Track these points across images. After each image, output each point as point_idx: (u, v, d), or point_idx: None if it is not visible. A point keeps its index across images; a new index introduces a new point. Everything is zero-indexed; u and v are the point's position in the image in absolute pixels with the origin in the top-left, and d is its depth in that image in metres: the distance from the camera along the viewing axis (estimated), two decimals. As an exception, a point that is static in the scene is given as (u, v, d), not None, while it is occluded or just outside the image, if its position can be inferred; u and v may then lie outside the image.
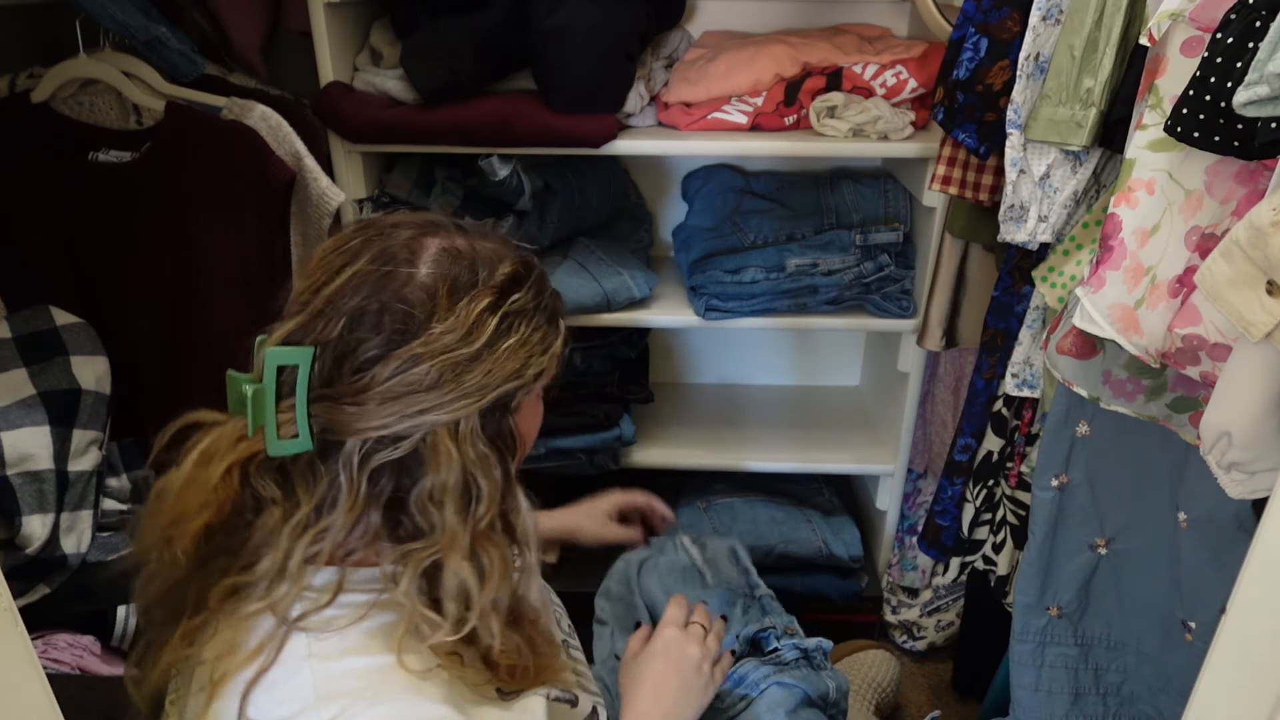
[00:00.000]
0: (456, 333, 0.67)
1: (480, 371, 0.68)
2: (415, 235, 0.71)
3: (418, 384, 0.66)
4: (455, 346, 0.67)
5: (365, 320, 0.67)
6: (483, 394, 0.68)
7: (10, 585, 0.48)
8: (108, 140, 1.28)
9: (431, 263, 0.69)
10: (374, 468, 0.67)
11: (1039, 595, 1.13)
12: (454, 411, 0.67)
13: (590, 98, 1.34)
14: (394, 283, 0.68)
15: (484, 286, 0.69)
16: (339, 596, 0.68)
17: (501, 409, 0.71)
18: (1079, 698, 1.16)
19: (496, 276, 0.70)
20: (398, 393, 0.65)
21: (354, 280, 0.68)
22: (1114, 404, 0.95)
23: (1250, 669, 0.62)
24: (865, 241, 1.48)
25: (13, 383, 1.19)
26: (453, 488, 0.68)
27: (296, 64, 1.47)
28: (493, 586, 0.69)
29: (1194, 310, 0.76)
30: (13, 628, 0.47)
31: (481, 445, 0.69)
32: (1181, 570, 0.99)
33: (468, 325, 0.67)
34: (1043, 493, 1.08)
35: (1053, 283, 1.02)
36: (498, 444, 0.71)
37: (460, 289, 0.69)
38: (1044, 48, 1.01)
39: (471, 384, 0.67)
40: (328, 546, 0.68)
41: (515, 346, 0.70)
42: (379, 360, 0.66)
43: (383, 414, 0.65)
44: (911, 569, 1.65)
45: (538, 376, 0.73)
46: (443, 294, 0.68)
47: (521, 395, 0.73)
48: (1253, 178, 0.77)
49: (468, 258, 0.71)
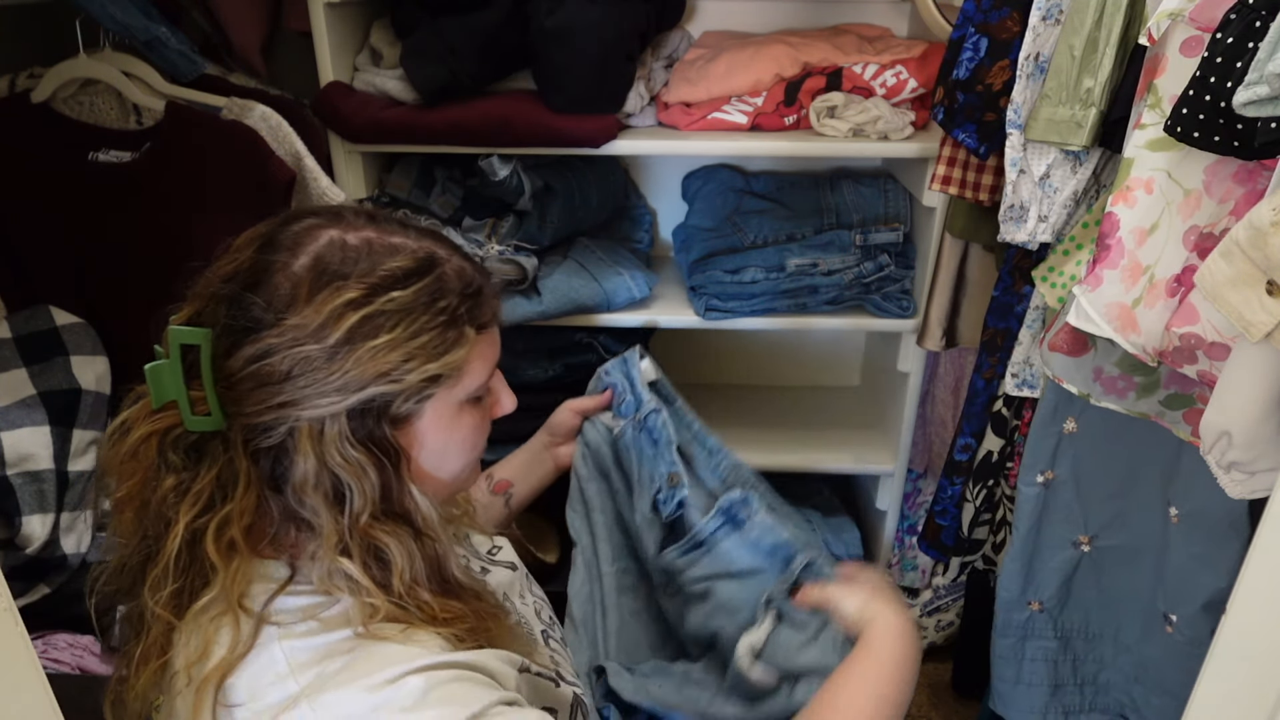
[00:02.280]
0: (309, 326, 0.65)
1: (339, 370, 0.65)
2: (315, 226, 0.70)
3: (270, 375, 0.65)
4: (304, 340, 0.65)
5: (238, 306, 0.67)
6: (344, 394, 0.66)
7: (10, 585, 0.48)
8: (108, 140, 1.28)
9: (310, 254, 0.68)
10: (252, 452, 0.68)
11: (1021, 590, 1.14)
12: (315, 408, 0.66)
13: (590, 98, 1.34)
14: (266, 271, 0.68)
15: (353, 281, 0.67)
16: (293, 585, 0.69)
17: (377, 414, 0.68)
18: (1058, 689, 1.17)
19: (376, 273, 0.67)
20: (256, 382, 0.66)
21: (237, 265, 0.69)
22: (1104, 401, 0.95)
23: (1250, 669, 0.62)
24: (865, 241, 1.48)
25: (13, 383, 1.20)
26: (314, 487, 0.67)
27: (296, 64, 1.47)
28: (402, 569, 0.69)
29: (1192, 309, 0.76)
30: (13, 628, 0.47)
31: (350, 449, 0.67)
32: (1167, 564, 1.00)
33: (321, 319, 0.65)
34: (1027, 488, 1.09)
35: (1053, 283, 1.02)
36: (373, 450, 0.68)
37: (326, 282, 0.67)
38: (1044, 48, 1.01)
39: (330, 382, 0.65)
40: (237, 531, 0.68)
41: (384, 348, 0.66)
42: (239, 346, 0.66)
43: (248, 401, 0.66)
44: (911, 569, 1.65)
45: (429, 384, 0.69)
46: (306, 286, 0.66)
47: (406, 403, 0.69)
48: (1251, 177, 0.77)
49: (353, 251, 0.68)
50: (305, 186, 1.30)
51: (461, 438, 0.76)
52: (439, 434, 0.73)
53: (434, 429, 0.73)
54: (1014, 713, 1.19)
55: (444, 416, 0.73)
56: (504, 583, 0.92)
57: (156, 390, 0.67)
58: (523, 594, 0.94)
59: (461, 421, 0.75)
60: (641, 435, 1.05)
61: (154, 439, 0.69)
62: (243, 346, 0.66)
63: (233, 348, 0.67)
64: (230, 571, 0.68)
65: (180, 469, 0.69)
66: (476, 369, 0.74)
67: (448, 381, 0.71)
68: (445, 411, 0.73)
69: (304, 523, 0.69)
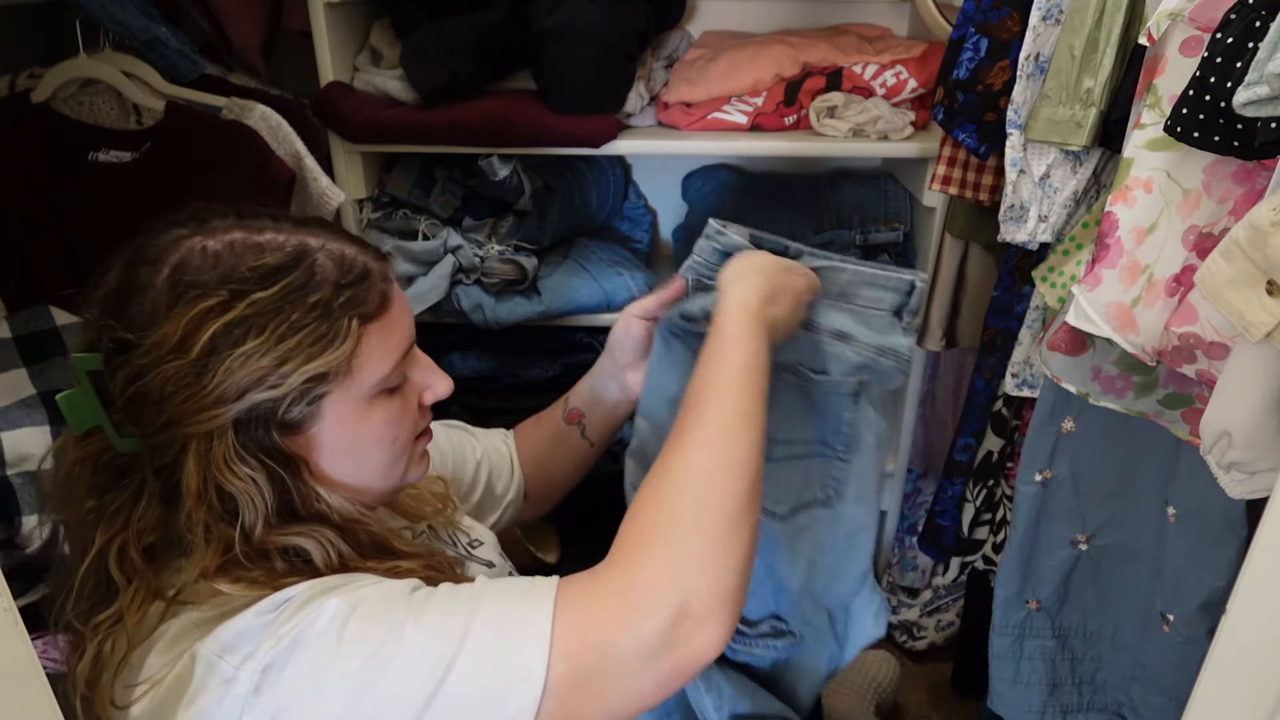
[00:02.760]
0: (170, 341, 0.62)
1: (210, 384, 0.63)
2: (179, 236, 0.68)
3: (147, 396, 0.64)
4: (168, 357, 0.62)
5: (108, 329, 0.65)
6: (221, 406, 0.63)
7: (10, 585, 0.48)
8: (108, 140, 1.28)
9: (171, 266, 0.65)
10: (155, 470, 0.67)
11: (1019, 589, 1.14)
12: (198, 424, 0.63)
13: (590, 98, 1.34)
14: (130, 290, 0.66)
15: (212, 289, 0.63)
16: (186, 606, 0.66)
17: (264, 423, 0.66)
18: (1056, 688, 1.17)
19: (235, 275, 0.64)
20: (138, 404, 0.64)
21: (107, 288, 0.67)
22: (1103, 400, 0.96)
23: (1250, 669, 0.62)
24: (865, 241, 1.48)
25: (13, 383, 1.19)
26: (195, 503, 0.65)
27: (296, 64, 1.47)
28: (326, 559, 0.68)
29: (1191, 309, 0.76)
30: (13, 628, 0.47)
31: (240, 463, 0.65)
32: (1165, 563, 1.00)
33: (181, 333, 0.62)
34: (1025, 487, 1.09)
35: (1053, 283, 1.02)
36: (264, 461, 0.66)
37: (181, 293, 0.64)
38: (1044, 48, 1.01)
39: (205, 397, 0.63)
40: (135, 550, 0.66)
41: (253, 353, 0.63)
42: (117, 370, 0.65)
43: (139, 423, 0.65)
44: (911, 569, 1.65)
45: (315, 382, 0.66)
46: (164, 300, 0.64)
47: (295, 407, 0.66)
48: (1250, 177, 0.77)
49: (213, 257, 0.65)
50: (305, 186, 1.30)
51: (377, 433, 0.72)
52: (346, 434, 0.70)
53: (338, 430, 0.70)
54: (1012, 711, 1.19)
55: (348, 416, 0.70)
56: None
57: (74, 419, 0.66)
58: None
59: (371, 416, 0.71)
60: None
61: (87, 464, 0.68)
62: (119, 370, 0.65)
63: (114, 371, 0.65)
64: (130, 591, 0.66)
65: (101, 492, 0.68)
66: (374, 361, 0.69)
67: (339, 379, 0.67)
68: (349, 410, 0.69)
69: None
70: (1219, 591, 0.94)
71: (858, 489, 0.95)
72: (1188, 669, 0.98)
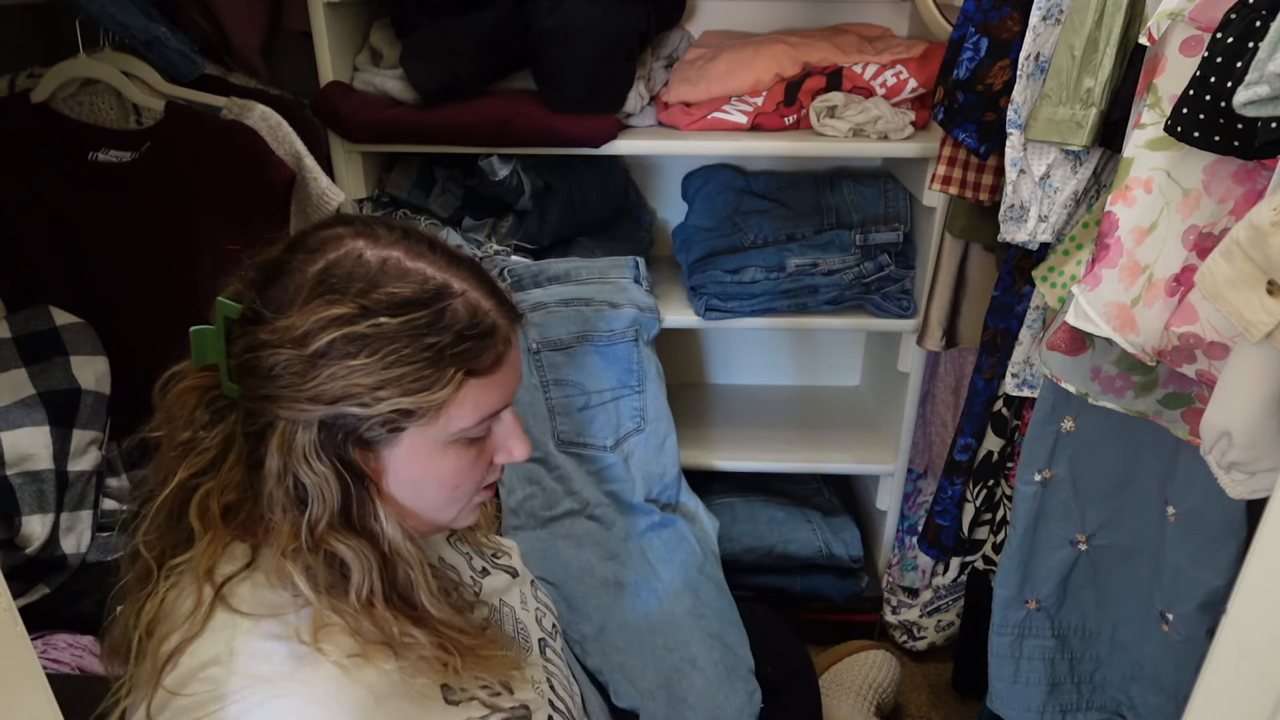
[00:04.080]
0: (294, 331, 0.66)
1: (312, 381, 0.66)
2: (344, 234, 0.71)
3: (256, 368, 0.67)
4: (286, 344, 0.66)
5: (251, 295, 0.69)
6: (315, 405, 0.66)
7: (10, 585, 0.48)
8: (108, 140, 1.28)
9: (324, 261, 0.69)
10: (245, 433, 0.70)
11: (1018, 588, 1.14)
12: (289, 410, 0.67)
13: (590, 98, 1.34)
14: (282, 270, 0.69)
15: (349, 298, 0.67)
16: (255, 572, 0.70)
17: (345, 434, 0.69)
18: (1055, 687, 1.17)
19: (372, 295, 0.67)
20: (246, 370, 0.68)
21: (266, 257, 0.71)
22: (1102, 400, 0.96)
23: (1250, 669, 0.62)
24: (865, 241, 1.48)
25: (13, 383, 1.19)
26: (278, 483, 0.68)
27: (296, 64, 1.47)
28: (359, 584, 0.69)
29: (1191, 309, 0.76)
30: (13, 628, 0.47)
31: (316, 460, 0.68)
32: (1164, 563, 1.00)
33: (306, 328, 0.66)
34: (1025, 487, 1.09)
35: (1053, 283, 1.02)
36: (338, 466, 0.69)
37: (322, 292, 0.67)
38: (1044, 48, 1.01)
39: (304, 390, 0.66)
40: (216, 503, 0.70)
41: (358, 370, 0.66)
42: (242, 334, 0.69)
43: (244, 385, 0.69)
44: (911, 569, 1.65)
45: (400, 416, 0.68)
46: (305, 292, 0.67)
47: (376, 430, 0.69)
48: (1250, 177, 0.77)
49: (364, 267, 0.68)
50: (305, 186, 1.30)
51: (441, 476, 0.74)
52: (414, 468, 0.72)
53: (408, 461, 0.72)
54: (1012, 711, 1.19)
55: (421, 451, 0.72)
56: (499, 587, 0.92)
57: (198, 352, 0.71)
58: (524, 600, 0.94)
59: (444, 460, 0.73)
60: None
61: (196, 392, 0.73)
62: (243, 335, 0.68)
63: (239, 333, 0.69)
64: (204, 541, 0.69)
65: (199, 427, 0.72)
66: (463, 413, 0.71)
67: (423, 418, 0.69)
68: (423, 447, 0.71)
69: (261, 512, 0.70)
70: (1218, 591, 0.94)
71: (656, 410, 1.33)
72: (1186, 668, 0.99)
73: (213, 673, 0.64)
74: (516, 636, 0.88)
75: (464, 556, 0.92)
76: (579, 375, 1.25)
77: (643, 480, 1.31)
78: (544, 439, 1.24)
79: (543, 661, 0.87)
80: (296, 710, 0.64)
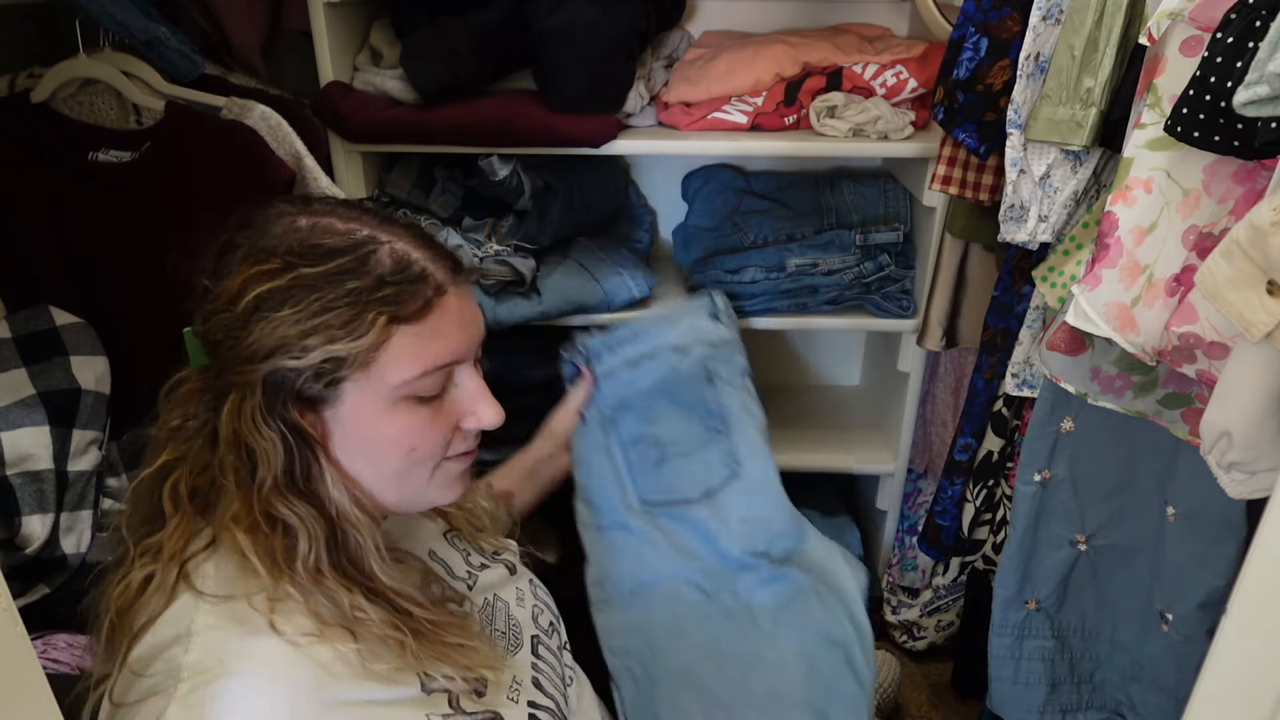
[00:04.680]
0: (229, 294, 0.69)
1: (247, 339, 0.68)
2: (285, 211, 0.73)
3: (210, 340, 0.71)
4: (223, 308, 0.69)
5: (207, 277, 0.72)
6: (251, 363, 0.68)
7: (10, 585, 0.48)
8: (107, 140, 1.28)
9: (258, 230, 0.71)
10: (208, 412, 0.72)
11: (1018, 589, 1.14)
12: (235, 375, 0.69)
13: (590, 98, 1.34)
14: (230, 249, 0.72)
15: (275, 256, 0.69)
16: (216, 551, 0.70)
17: (285, 392, 0.69)
18: (1055, 688, 1.18)
19: (296, 250, 0.69)
20: (206, 347, 0.71)
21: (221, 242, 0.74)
22: (1101, 400, 0.96)
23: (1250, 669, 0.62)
24: (865, 241, 1.48)
25: (13, 383, 1.19)
26: (228, 451, 0.69)
27: (296, 64, 1.47)
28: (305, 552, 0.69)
29: (1191, 309, 0.76)
30: (12, 628, 0.47)
31: (263, 424, 0.68)
32: (1164, 563, 1.00)
33: (238, 288, 0.68)
34: (1025, 487, 1.09)
35: (1053, 283, 1.02)
36: (283, 429, 0.69)
37: (255, 256, 0.69)
38: (1044, 48, 1.01)
39: (242, 350, 0.68)
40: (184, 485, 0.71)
41: (285, 320, 0.67)
42: (195, 311, 0.72)
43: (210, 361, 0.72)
44: (911, 569, 1.65)
45: (332, 365, 0.68)
46: (239, 258, 0.70)
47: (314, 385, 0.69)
48: (1250, 177, 0.77)
49: (295, 231, 0.71)
50: (305, 186, 1.30)
51: (393, 436, 0.72)
52: (360, 426, 0.71)
53: (355, 420, 0.71)
54: (1012, 712, 1.19)
55: (366, 408, 0.71)
56: (493, 582, 0.91)
57: (193, 353, 0.73)
58: (521, 597, 0.93)
59: (393, 419, 0.72)
60: None
61: (196, 394, 0.74)
62: (197, 315, 0.72)
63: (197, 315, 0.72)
64: (172, 523, 0.70)
65: (188, 417, 0.73)
66: (399, 363, 0.70)
67: (357, 369, 0.69)
68: (367, 404, 0.71)
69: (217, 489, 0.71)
70: (1218, 591, 0.94)
71: (749, 449, 1.12)
72: (1186, 668, 0.99)
73: (172, 653, 0.64)
74: (508, 631, 0.87)
75: (460, 553, 0.91)
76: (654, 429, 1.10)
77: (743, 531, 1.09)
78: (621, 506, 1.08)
79: (532, 659, 0.86)
80: (248, 688, 0.63)
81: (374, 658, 0.69)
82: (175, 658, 0.64)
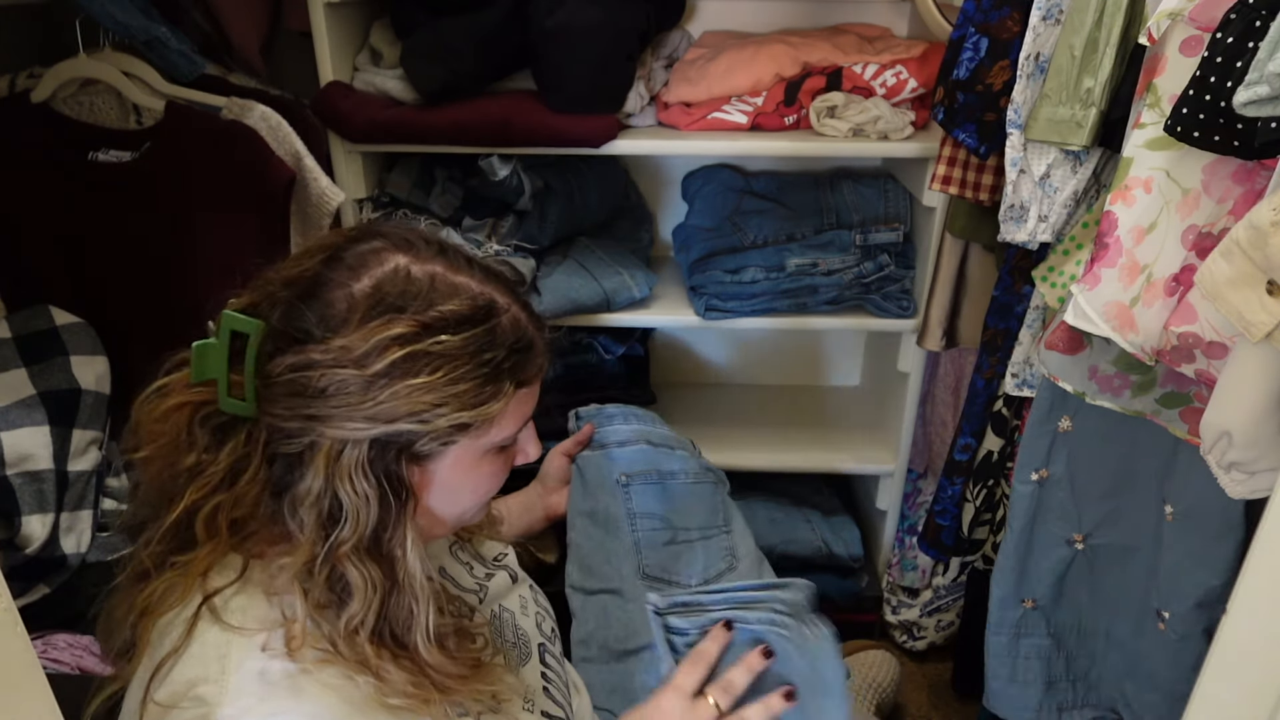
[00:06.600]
0: (353, 351, 0.65)
1: (371, 400, 0.65)
2: (383, 248, 0.70)
3: (305, 388, 0.66)
4: (346, 364, 0.65)
5: (292, 313, 0.68)
6: (372, 424, 0.66)
7: (10, 585, 0.48)
8: (108, 140, 1.28)
9: (372, 278, 0.68)
10: (271, 454, 0.69)
11: (1015, 588, 1.14)
12: (340, 430, 0.66)
13: (590, 98, 1.34)
14: (325, 286, 0.68)
15: (407, 316, 0.67)
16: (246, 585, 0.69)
17: (399, 449, 0.69)
18: (1052, 686, 1.18)
19: (429, 313, 0.67)
20: (290, 389, 0.66)
21: (300, 272, 0.70)
22: (1100, 399, 0.96)
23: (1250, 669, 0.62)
24: (865, 241, 1.48)
25: (13, 383, 1.19)
26: (312, 504, 0.67)
27: (296, 64, 1.47)
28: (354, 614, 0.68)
29: (1190, 309, 0.76)
30: (13, 628, 0.47)
31: (362, 478, 0.67)
32: (1161, 562, 1.00)
33: (367, 348, 0.65)
34: (1022, 486, 1.09)
35: (1053, 282, 1.02)
36: (384, 483, 0.68)
37: (380, 311, 0.67)
38: (1044, 48, 1.01)
39: (361, 410, 0.66)
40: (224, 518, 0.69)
41: (420, 389, 0.66)
42: (283, 352, 0.67)
43: (279, 405, 0.67)
44: (911, 569, 1.65)
45: (457, 430, 0.69)
46: (360, 311, 0.67)
47: (431, 444, 0.69)
48: (1250, 177, 0.77)
49: (414, 284, 0.69)
50: (305, 186, 1.30)
51: (476, 483, 0.76)
52: (455, 477, 0.73)
53: (452, 472, 0.73)
54: (1008, 710, 1.19)
55: (464, 462, 0.73)
56: (499, 592, 0.92)
57: (199, 366, 0.69)
58: (524, 605, 0.93)
59: (481, 468, 0.75)
60: None
61: (187, 409, 0.71)
62: (286, 353, 0.67)
63: (276, 351, 0.67)
64: (205, 548, 0.69)
65: (203, 449, 0.70)
66: (508, 422, 0.73)
67: (476, 430, 0.71)
68: (467, 457, 0.73)
69: (282, 533, 0.69)
70: (1215, 590, 0.94)
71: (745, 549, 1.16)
72: (1181, 666, 0.99)
73: (204, 691, 0.64)
74: (517, 642, 0.87)
75: (464, 566, 0.92)
76: (666, 509, 1.14)
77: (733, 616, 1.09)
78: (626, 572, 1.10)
79: (541, 668, 0.87)
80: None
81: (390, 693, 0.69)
82: (208, 697, 0.64)
